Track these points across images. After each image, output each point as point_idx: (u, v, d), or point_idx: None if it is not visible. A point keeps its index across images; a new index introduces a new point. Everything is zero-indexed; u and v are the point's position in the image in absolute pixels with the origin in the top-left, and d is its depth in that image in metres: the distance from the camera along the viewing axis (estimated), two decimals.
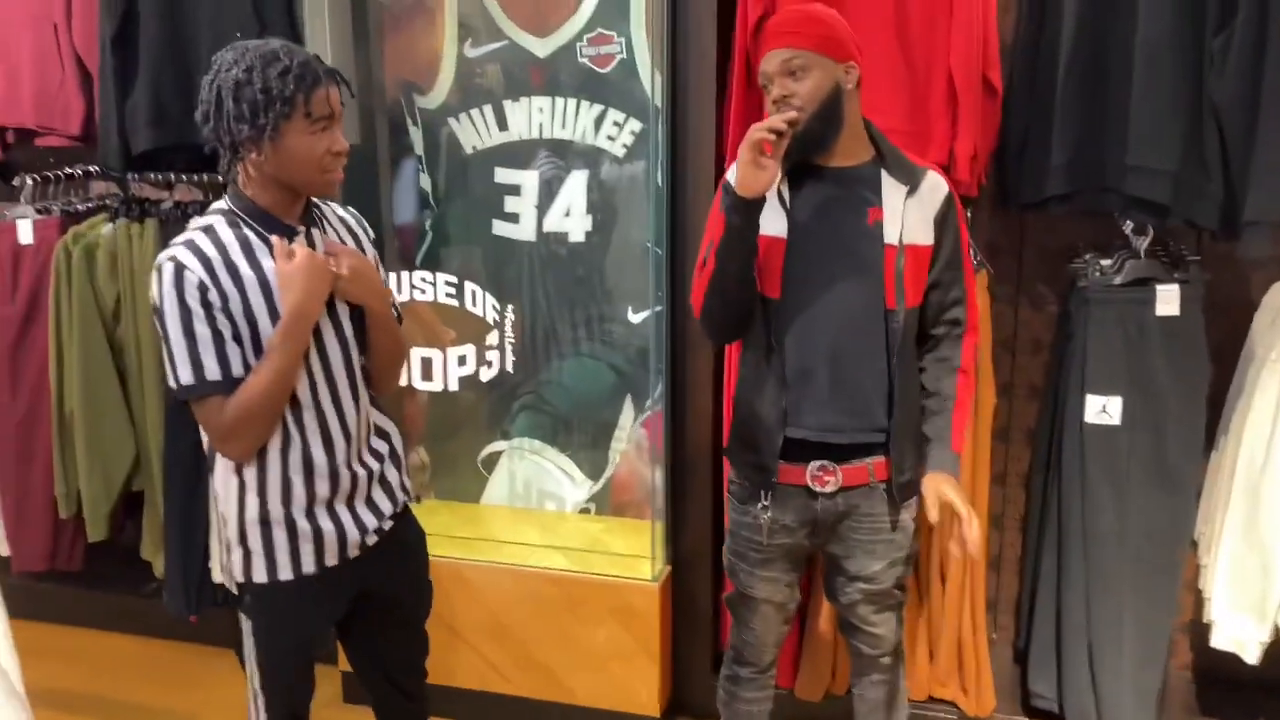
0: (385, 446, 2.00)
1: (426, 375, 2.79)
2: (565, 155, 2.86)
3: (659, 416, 2.82)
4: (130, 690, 3.10)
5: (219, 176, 2.82)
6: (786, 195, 2.05)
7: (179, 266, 1.72)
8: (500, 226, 2.94)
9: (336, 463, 1.87)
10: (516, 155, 2.91)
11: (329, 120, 1.75)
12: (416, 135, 2.99)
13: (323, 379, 1.84)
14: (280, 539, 1.86)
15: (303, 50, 1.75)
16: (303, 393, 1.82)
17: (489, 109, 2.90)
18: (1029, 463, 2.79)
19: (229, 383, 1.74)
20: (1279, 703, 2.70)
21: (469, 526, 3.02)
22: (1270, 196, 2.22)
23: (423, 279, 2.73)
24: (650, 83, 2.72)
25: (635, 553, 2.86)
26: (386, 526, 2.00)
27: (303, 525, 1.86)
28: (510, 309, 2.78)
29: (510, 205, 2.94)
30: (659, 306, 2.69)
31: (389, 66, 2.99)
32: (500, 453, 3.14)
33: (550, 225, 2.91)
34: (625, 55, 2.77)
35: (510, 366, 2.77)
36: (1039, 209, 2.50)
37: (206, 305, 1.72)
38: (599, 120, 2.82)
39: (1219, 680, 2.76)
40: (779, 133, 1.91)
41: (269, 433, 1.80)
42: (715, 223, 2.05)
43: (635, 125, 2.79)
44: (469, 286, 2.69)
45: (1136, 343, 2.37)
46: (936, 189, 2.05)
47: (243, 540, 1.87)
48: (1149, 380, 2.38)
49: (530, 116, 2.87)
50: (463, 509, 3.14)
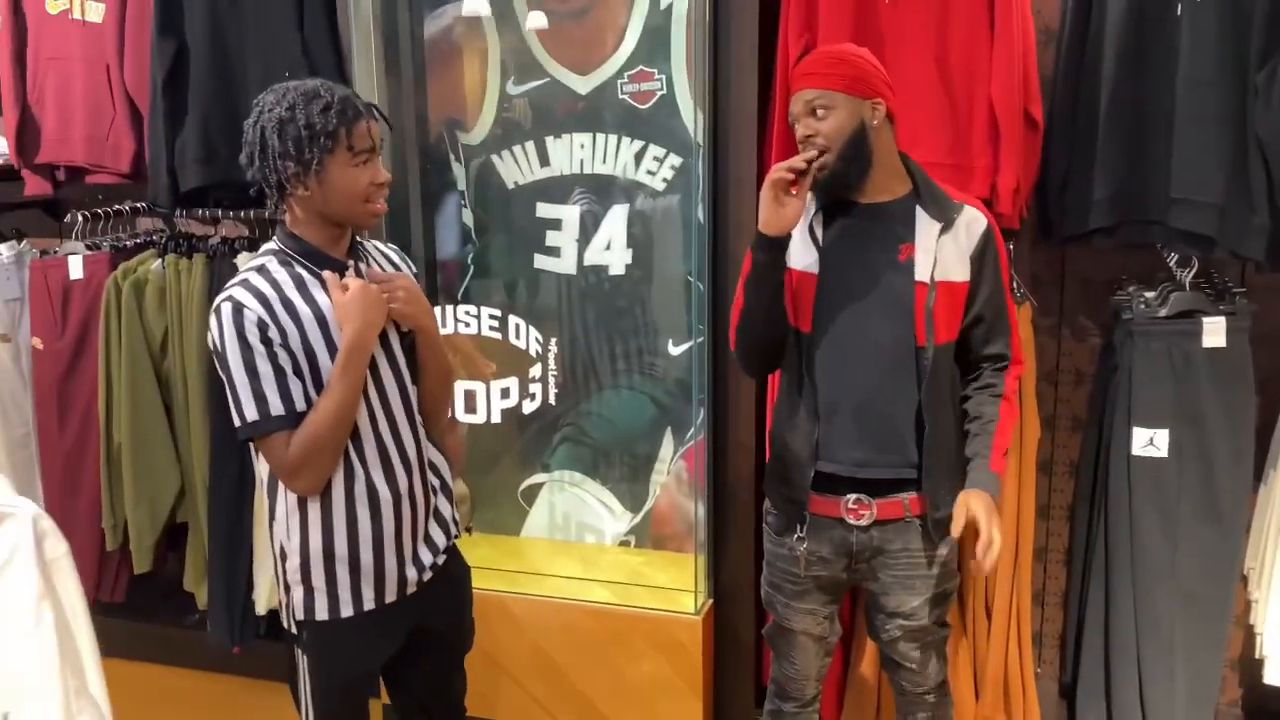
0: (437, 480, 2.03)
1: (470, 408, 2.81)
2: (603, 190, 2.90)
3: (699, 449, 2.83)
4: None
5: (265, 213, 2.93)
6: (819, 231, 2.07)
7: (237, 306, 1.76)
8: (541, 260, 2.97)
9: (399, 493, 1.89)
10: (558, 190, 2.94)
11: (370, 153, 1.80)
12: (459, 171, 3.03)
13: (380, 409, 1.87)
14: (343, 576, 1.87)
15: (342, 87, 1.80)
16: (362, 423, 1.84)
17: (531, 145, 2.93)
18: (1073, 495, 2.77)
19: (293, 417, 1.76)
20: None
21: (510, 559, 3.03)
22: None
23: (466, 312, 2.76)
24: (690, 119, 2.76)
25: (676, 585, 2.86)
26: (440, 561, 2.02)
27: (365, 561, 1.88)
28: (553, 342, 2.80)
29: (551, 239, 2.96)
30: (700, 339, 2.71)
31: (433, 104, 3.04)
32: (541, 485, 3.15)
33: (591, 259, 2.94)
34: (665, 91, 2.81)
35: (553, 399, 2.79)
36: (1081, 241, 2.51)
37: (267, 342, 1.75)
38: (639, 155, 2.85)
39: (1269, 716, 2.73)
40: (800, 171, 1.94)
41: (334, 465, 1.82)
42: (748, 258, 2.08)
43: (675, 160, 2.82)
44: (512, 320, 2.72)
45: (1183, 375, 2.37)
46: (974, 224, 2.05)
47: (305, 577, 1.88)
48: (1196, 412, 2.37)
49: (571, 152, 2.91)
50: (503, 541, 3.14)
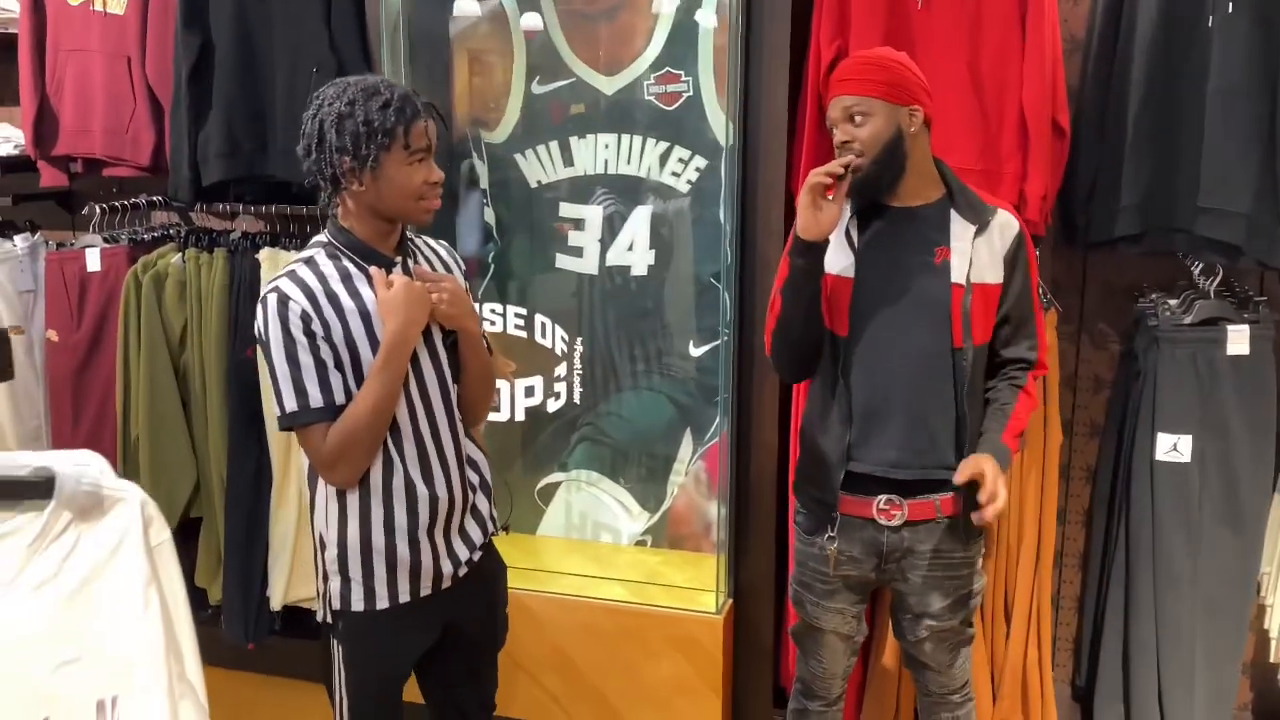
0: (476, 477, 2.04)
1: (494, 406, 2.80)
2: (626, 191, 2.90)
3: (718, 450, 2.84)
4: None
5: (286, 208, 2.92)
6: (855, 235, 2.09)
7: (283, 297, 1.77)
8: (563, 260, 2.97)
9: (435, 489, 1.91)
10: (581, 190, 2.95)
11: (425, 152, 1.81)
12: (482, 170, 3.03)
13: (421, 406, 1.88)
14: (379, 568, 1.88)
15: (402, 85, 1.81)
16: (402, 419, 1.86)
17: (555, 145, 2.94)
18: (1089, 500, 2.80)
19: (332, 410, 1.78)
20: None
21: (527, 557, 3.04)
22: None
23: (492, 310, 2.76)
24: (716, 121, 2.77)
25: (694, 585, 2.87)
26: (476, 557, 2.02)
27: (402, 553, 1.89)
28: (579, 341, 2.81)
29: (574, 239, 2.97)
30: (724, 338, 2.72)
31: (457, 102, 3.04)
32: (558, 484, 3.16)
33: (613, 259, 2.94)
34: (692, 93, 2.82)
35: (577, 398, 2.79)
36: (1105, 248, 2.53)
37: (310, 334, 1.77)
38: (664, 157, 2.86)
39: None
40: (837, 176, 1.96)
41: (371, 459, 1.83)
42: (784, 263, 2.09)
43: (700, 162, 2.83)
44: (539, 318, 2.72)
45: (1207, 382, 2.40)
46: (1007, 228, 2.09)
47: (342, 568, 1.89)
48: (1219, 419, 2.40)
49: (596, 153, 2.91)
50: (520, 540, 3.15)
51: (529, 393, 2.72)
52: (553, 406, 2.70)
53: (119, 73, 3.04)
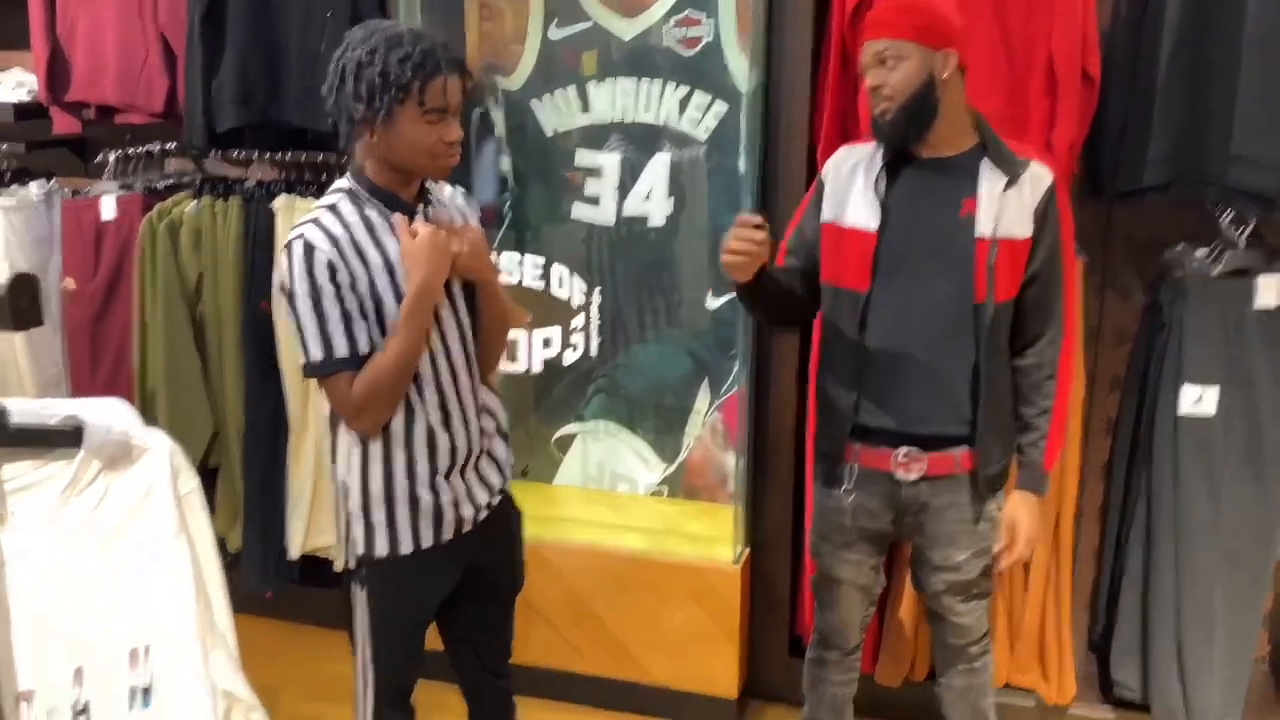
0: (492, 423, 2.04)
1: (511, 356, 2.80)
2: (645, 139, 2.86)
3: (736, 400, 2.83)
4: None
5: (300, 155, 2.89)
6: (882, 186, 2.06)
7: (308, 246, 1.76)
8: (580, 209, 2.94)
9: (455, 436, 1.91)
10: (598, 138, 2.91)
11: (443, 111, 1.76)
12: (498, 117, 3.00)
13: (441, 354, 1.88)
14: (402, 513, 1.89)
15: (431, 37, 1.76)
16: (423, 368, 1.86)
17: (572, 90, 2.90)
18: (1109, 453, 2.78)
19: (356, 360, 1.78)
20: None
21: (544, 506, 3.04)
22: None
23: (509, 260, 2.74)
24: (737, 65, 2.72)
25: (711, 535, 2.87)
26: (495, 502, 2.04)
27: (424, 499, 1.90)
28: (597, 292, 2.78)
29: (590, 188, 2.94)
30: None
31: (473, 47, 2.99)
32: (575, 435, 3.15)
33: (630, 209, 2.91)
34: (712, 38, 2.77)
35: (594, 349, 2.78)
36: (1132, 199, 2.49)
37: (336, 285, 1.76)
38: (683, 103, 2.82)
39: None
40: (746, 252, 1.94)
41: (395, 408, 1.84)
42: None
43: (720, 108, 2.78)
44: (556, 269, 2.70)
45: (1234, 334, 2.36)
46: (1039, 181, 2.04)
47: (365, 513, 1.90)
48: (1246, 372, 2.37)
49: (614, 99, 2.87)
50: (537, 489, 3.15)
51: (546, 344, 2.71)
52: (570, 358, 2.69)
53: (131, 18, 3.00)
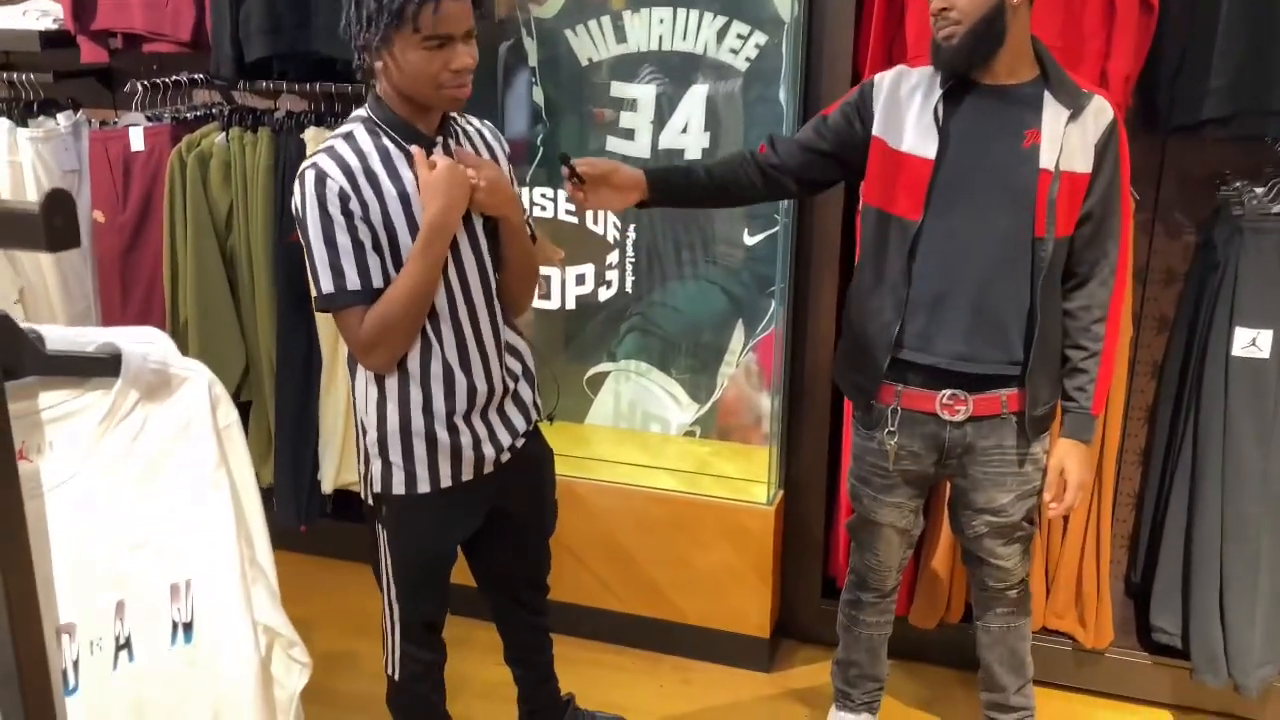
0: (518, 365, 2.00)
1: (544, 293, 2.76)
2: (678, 69, 2.78)
3: (771, 340, 2.78)
4: None
5: (330, 86, 2.84)
6: (941, 113, 1.98)
7: (320, 174, 1.72)
8: (614, 143, 2.88)
9: (473, 375, 1.88)
10: (634, 68, 2.84)
11: (445, 38, 1.69)
12: (531, 47, 2.92)
13: (459, 291, 1.84)
14: (420, 451, 1.87)
15: None
16: (440, 305, 1.82)
17: (607, 20, 2.82)
18: (1154, 395, 2.72)
19: (369, 293, 1.74)
20: None
21: (576, 446, 3.03)
22: None
23: (543, 195, 2.68)
24: None
25: (743, 476, 2.85)
26: (519, 444, 2.01)
27: (442, 438, 1.87)
28: (632, 228, 2.73)
29: (625, 120, 2.87)
30: (781, 225, 2.64)
31: None
32: (607, 374, 3.12)
33: (666, 142, 2.84)
34: None
35: (629, 286, 2.73)
36: (1188, 133, 2.40)
37: (348, 214, 1.72)
38: (722, 32, 2.74)
39: None
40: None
41: (408, 344, 1.81)
42: None
43: (760, 38, 2.70)
44: None
45: None
46: (1101, 114, 1.97)
47: (382, 451, 1.88)
48: None
49: (650, 28, 2.79)
50: (568, 429, 3.13)
51: (579, 280, 2.66)
52: (604, 295, 2.64)
53: None
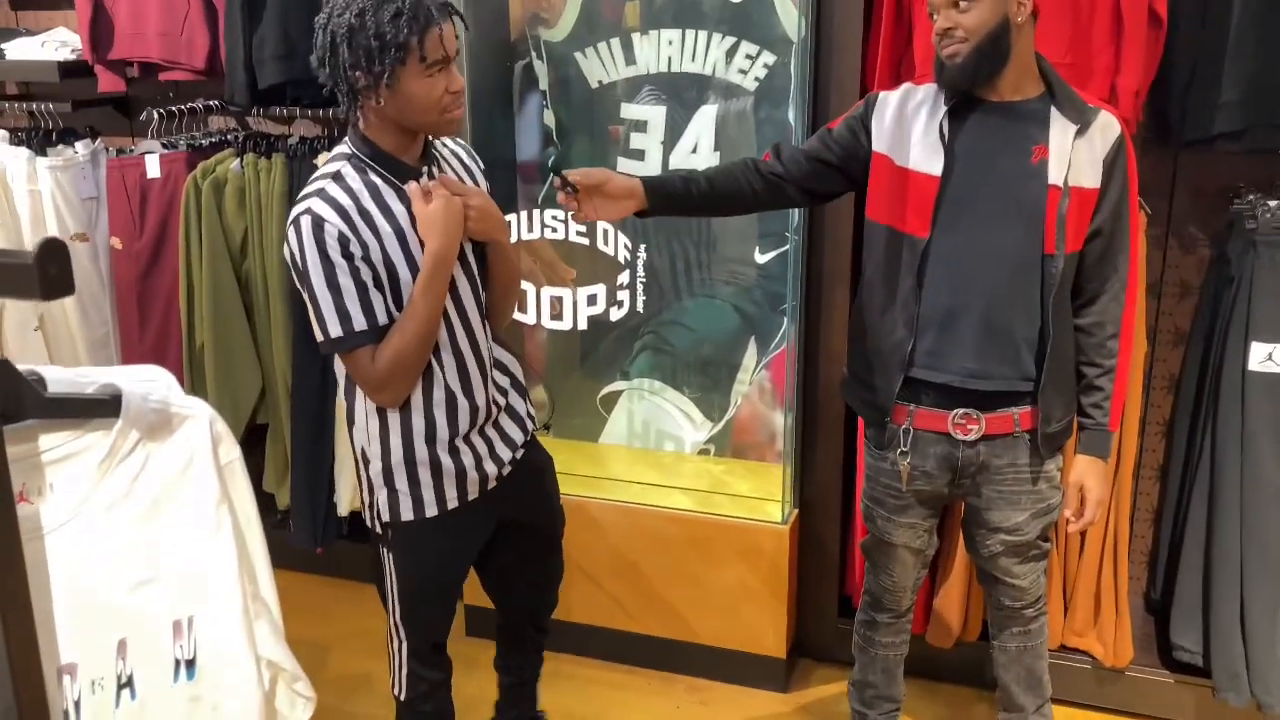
0: (507, 379, 2.02)
1: (556, 314, 2.76)
2: (687, 90, 2.79)
3: (783, 358, 2.78)
4: None
5: (343, 113, 2.85)
6: (946, 130, 1.98)
7: (317, 220, 1.71)
8: (625, 164, 2.88)
9: (475, 397, 1.90)
10: (644, 90, 2.84)
11: (444, 62, 1.70)
12: (541, 70, 2.94)
13: (457, 317, 1.86)
14: (425, 477, 1.88)
15: None
16: (441, 333, 1.83)
17: (616, 42, 2.83)
18: (1171, 409, 2.70)
19: (375, 332, 1.74)
20: None
21: (590, 465, 3.03)
22: None
23: (554, 217, 2.69)
24: (786, 13, 2.64)
25: (758, 494, 2.84)
26: (519, 456, 2.03)
27: (446, 462, 1.88)
28: (642, 248, 2.74)
29: (636, 141, 2.88)
30: (791, 243, 2.63)
31: None
32: (620, 392, 3.13)
33: (676, 162, 2.85)
34: None
35: (640, 306, 2.74)
36: (1200, 147, 2.39)
37: (348, 256, 1.71)
38: (730, 53, 2.74)
39: None
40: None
41: (418, 377, 1.81)
42: None
43: (769, 58, 2.70)
44: (601, 225, 2.66)
45: None
46: (1109, 129, 1.96)
47: (388, 480, 1.88)
48: None
49: (659, 50, 2.80)
50: (582, 448, 3.14)
51: (591, 301, 2.67)
52: (615, 315, 2.65)
53: None
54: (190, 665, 1.11)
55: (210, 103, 3.21)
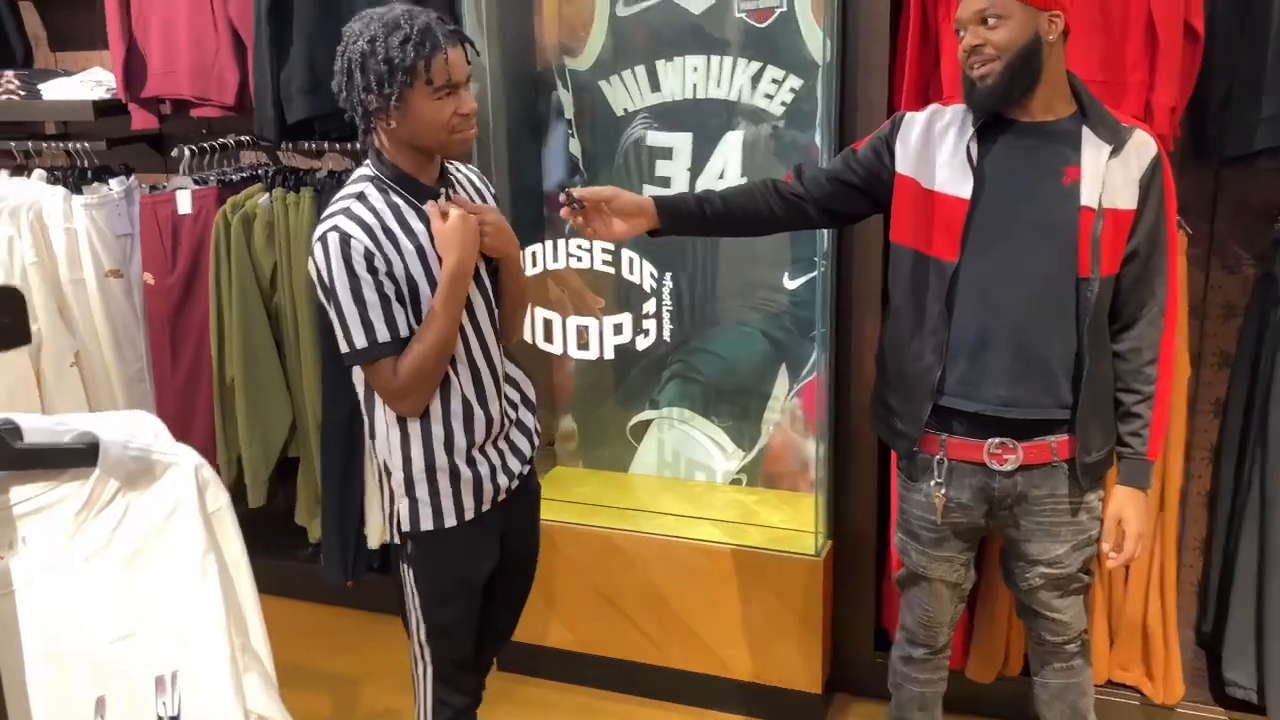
0: (517, 394, 2.07)
1: (582, 343, 2.73)
2: (713, 116, 2.77)
3: (815, 385, 2.72)
4: (291, 655, 3.10)
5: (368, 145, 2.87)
6: (974, 153, 1.93)
7: (344, 236, 1.79)
8: (650, 191, 2.86)
9: (488, 406, 1.95)
10: (669, 117, 2.83)
11: (451, 87, 1.78)
12: (566, 99, 2.93)
13: (472, 330, 1.92)
14: (444, 486, 1.93)
15: (425, 14, 1.78)
16: (457, 346, 1.89)
17: (641, 70, 2.82)
18: (1218, 435, 2.61)
19: (398, 344, 1.82)
20: None
21: (619, 496, 2.99)
22: None
23: (579, 246, 2.67)
24: (812, 37, 2.61)
25: (791, 525, 2.78)
26: (527, 470, 2.08)
27: (464, 471, 1.93)
28: (668, 276, 2.71)
29: (662, 169, 2.86)
30: (821, 269, 2.59)
31: (541, 28, 2.93)
32: (649, 422, 3.09)
33: (702, 189, 2.82)
34: (785, 8, 2.66)
35: (667, 335, 2.72)
36: (1240, 164, 2.32)
37: (373, 271, 1.79)
38: (756, 78, 2.72)
39: None
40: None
41: (437, 387, 1.88)
42: None
43: (795, 82, 2.68)
44: (626, 253, 2.63)
45: None
46: (1144, 149, 1.91)
47: (409, 490, 1.93)
48: None
49: (684, 76, 2.78)
50: (612, 478, 3.10)
51: (618, 330, 2.63)
52: (642, 344, 2.62)
53: (202, 10, 3.01)
54: None
55: (241, 138, 3.24)
